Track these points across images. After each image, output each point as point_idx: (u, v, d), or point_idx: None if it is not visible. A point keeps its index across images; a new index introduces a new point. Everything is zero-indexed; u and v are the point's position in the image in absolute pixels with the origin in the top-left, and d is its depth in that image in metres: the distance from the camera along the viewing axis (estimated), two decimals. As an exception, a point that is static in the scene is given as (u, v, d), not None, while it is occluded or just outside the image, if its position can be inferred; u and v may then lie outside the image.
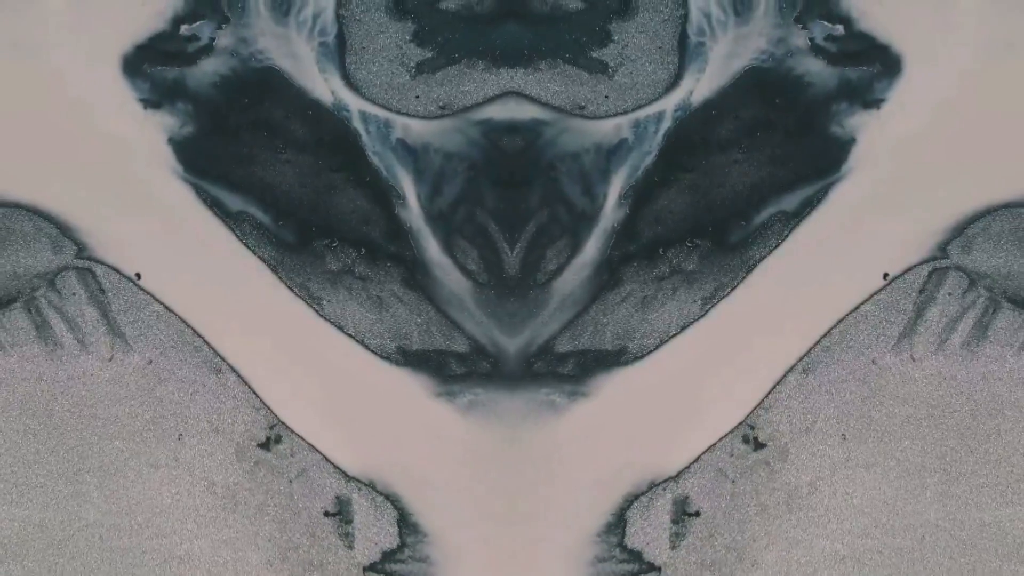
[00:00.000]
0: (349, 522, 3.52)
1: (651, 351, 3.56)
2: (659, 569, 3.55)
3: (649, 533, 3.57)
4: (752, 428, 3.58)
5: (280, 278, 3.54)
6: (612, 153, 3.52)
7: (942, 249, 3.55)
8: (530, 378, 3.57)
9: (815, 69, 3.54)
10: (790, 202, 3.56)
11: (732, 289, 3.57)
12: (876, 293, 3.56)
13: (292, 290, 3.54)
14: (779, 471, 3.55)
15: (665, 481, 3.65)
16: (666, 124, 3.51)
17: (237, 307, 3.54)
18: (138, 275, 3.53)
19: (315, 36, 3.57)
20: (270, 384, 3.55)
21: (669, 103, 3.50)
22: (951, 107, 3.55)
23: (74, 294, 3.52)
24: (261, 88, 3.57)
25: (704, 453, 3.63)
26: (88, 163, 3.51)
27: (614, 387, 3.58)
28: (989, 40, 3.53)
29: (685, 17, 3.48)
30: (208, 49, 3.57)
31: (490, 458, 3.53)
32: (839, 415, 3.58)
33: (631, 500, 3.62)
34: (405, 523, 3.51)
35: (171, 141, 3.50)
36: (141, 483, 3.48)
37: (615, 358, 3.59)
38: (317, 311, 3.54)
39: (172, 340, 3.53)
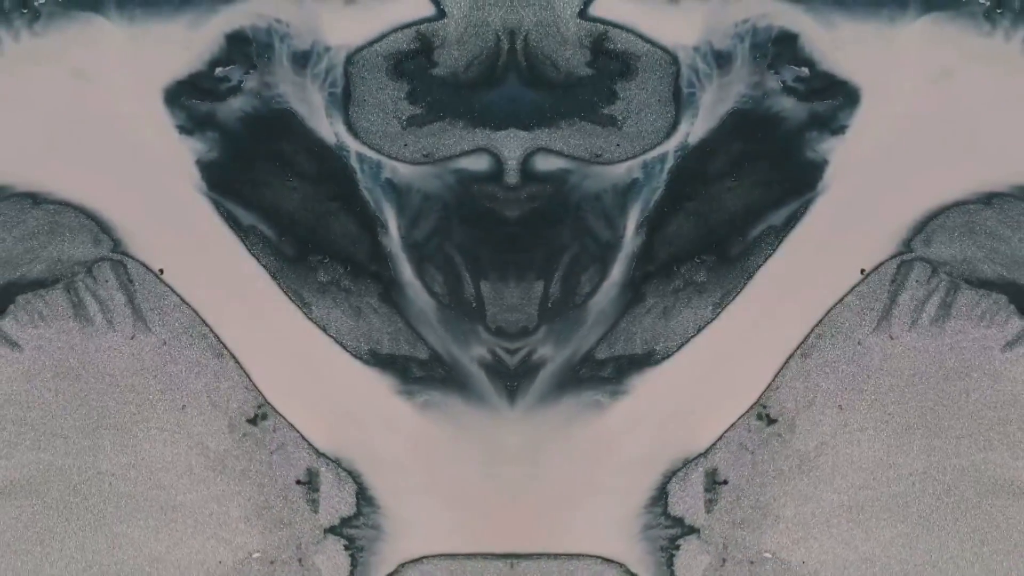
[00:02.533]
0: (316, 491, 3.77)
1: (675, 351, 3.76)
2: (698, 530, 3.75)
3: (687, 501, 3.77)
4: (764, 407, 3.78)
5: (278, 284, 3.80)
6: (627, 191, 3.71)
7: (907, 244, 3.76)
8: (577, 383, 3.75)
9: (788, 106, 3.73)
10: (778, 217, 3.75)
11: (737, 294, 3.77)
12: (856, 286, 3.75)
13: (287, 294, 3.80)
14: (789, 440, 3.76)
15: (697, 457, 3.79)
16: (669, 163, 3.72)
17: (240, 304, 3.81)
18: (161, 271, 3.78)
19: (326, 87, 3.78)
20: (262, 370, 3.80)
21: (670, 145, 3.72)
22: (903, 126, 3.75)
23: (107, 281, 3.77)
24: (277, 126, 3.80)
25: (727, 431, 3.78)
26: (129, 174, 3.75)
27: (647, 384, 3.78)
28: (928, 69, 3.73)
29: (677, 72, 3.68)
30: (237, 89, 3.78)
31: (440, 448, 3.72)
32: (835, 389, 3.77)
33: (670, 476, 3.78)
34: (363, 496, 3.77)
35: (199, 163, 3.75)
36: (148, 442, 3.74)
37: (646, 360, 3.76)
38: (306, 314, 3.79)
39: (184, 327, 3.79)
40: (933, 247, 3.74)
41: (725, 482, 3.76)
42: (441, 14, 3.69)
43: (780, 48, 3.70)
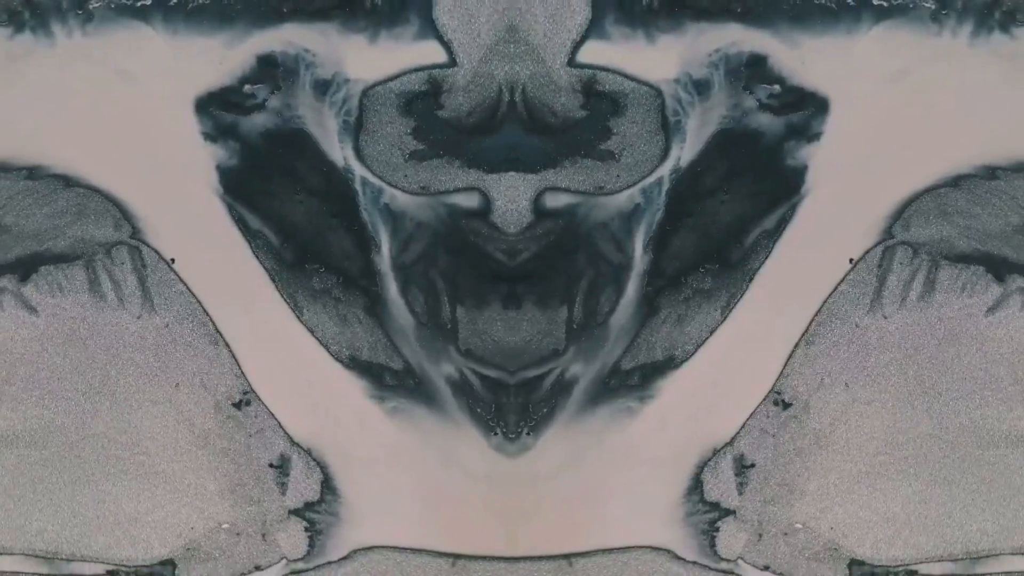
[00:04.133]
0: (286, 475, 3.91)
1: (693, 354, 3.91)
2: (733, 511, 3.90)
3: (720, 487, 3.91)
4: (779, 393, 3.91)
5: (275, 285, 3.91)
6: (631, 216, 3.85)
7: (888, 231, 3.88)
8: (608, 393, 3.90)
9: (766, 121, 3.86)
10: (769, 222, 3.89)
11: (741, 296, 3.91)
12: (847, 275, 3.89)
13: (282, 296, 3.91)
14: (805, 421, 3.90)
15: (724, 446, 3.91)
16: (666, 186, 3.86)
17: (239, 299, 3.93)
18: (172, 260, 3.89)
19: (341, 114, 3.89)
20: (251, 361, 3.93)
21: (665, 170, 3.86)
22: (870, 126, 3.87)
23: (122, 263, 3.90)
24: (293, 143, 3.91)
25: (748, 419, 3.91)
26: (154, 170, 3.87)
27: (671, 386, 3.92)
28: (886, 71, 3.86)
29: (662, 104, 3.82)
30: (260, 107, 3.88)
31: (402, 450, 3.88)
32: (839, 369, 3.91)
33: (702, 466, 3.91)
34: (327, 485, 3.92)
35: (218, 168, 3.86)
36: (140, 412, 3.88)
37: (668, 365, 3.90)
38: (297, 316, 3.91)
39: (186, 313, 3.92)
40: (912, 231, 3.88)
41: (752, 465, 3.89)
42: (453, 63, 3.82)
43: (752, 70, 3.84)
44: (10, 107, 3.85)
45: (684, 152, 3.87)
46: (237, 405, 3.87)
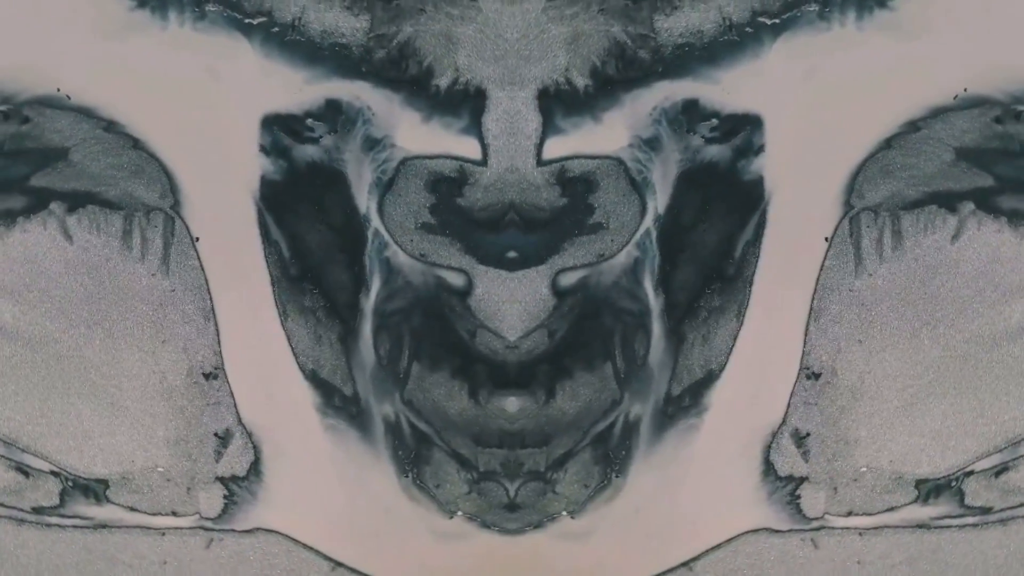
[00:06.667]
0: (225, 447, 4.12)
1: (727, 362, 4.17)
2: (806, 477, 4.16)
3: (788, 461, 4.17)
4: (808, 368, 4.14)
5: (273, 290, 4.10)
6: (634, 269, 4.07)
7: (847, 204, 4.08)
8: (669, 420, 4.18)
9: (715, 152, 4.07)
10: (748, 232, 4.11)
11: (748, 300, 4.14)
12: (827, 252, 4.13)
13: (275, 301, 4.08)
14: (836, 383, 4.13)
15: (779, 427, 4.15)
16: (654, 234, 4.07)
17: (240, 290, 4.11)
18: (197, 239, 4.08)
19: (377, 171, 4.02)
20: (231, 344, 4.11)
21: (648, 222, 4.07)
22: (801, 123, 4.09)
23: (156, 227, 4.06)
24: (330, 180, 4.05)
25: (790, 398, 4.17)
26: (210, 160, 4.02)
27: (719, 394, 4.18)
28: (797, 74, 4.07)
29: (626, 168, 4.03)
30: (315, 140, 4.04)
31: (325, 463, 4.13)
32: (849, 331, 4.12)
33: (767, 449, 4.15)
34: (255, 467, 4.14)
35: (263, 178, 4.01)
36: (126, 351, 4.05)
37: (709, 378, 4.14)
38: (282, 321, 4.10)
39: (193, 286, 4.08)
40: (867, 197, 4.05)
41: (808, 435, 4.10)
42: (484, 163, 3.98)
43: (689, 114, 4.03)
44: (111, 63, 4.04)
45: (658, 201, 4.00)
46: (206, 376, 4.04)
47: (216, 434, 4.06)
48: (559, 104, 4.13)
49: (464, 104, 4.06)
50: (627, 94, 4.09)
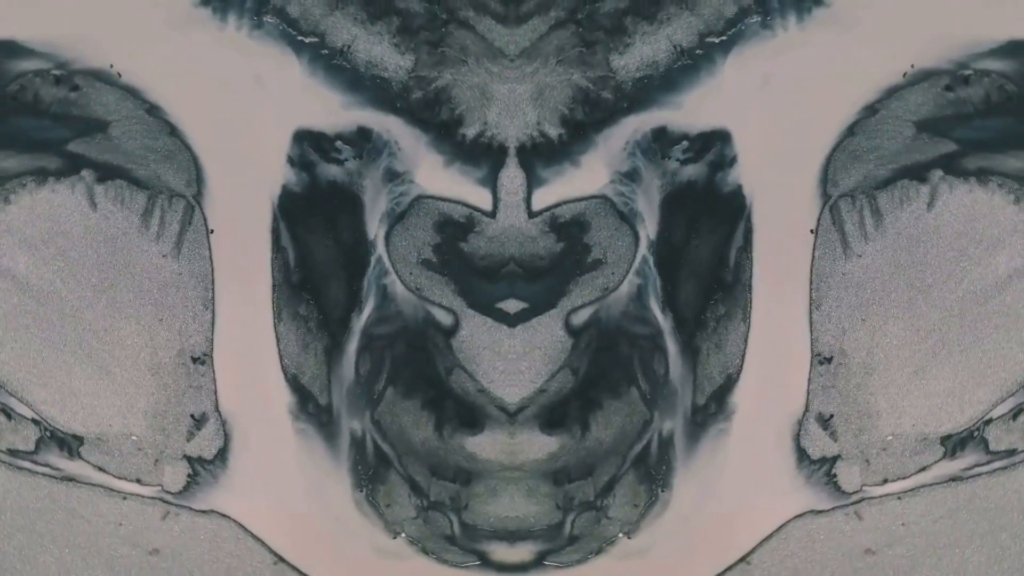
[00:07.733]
0: (198, 429, 4.21)
1: (742, 365, 4.30)
2: (839, 455, 4.24)
3: (818, 444, 4.26)
4: (818, 354, 4.24)
5: (273, 293, 4.21)
6: (639, 295, 4.18)
7: (825, 194, 4.21)
8: (700, 428, 4.31)
9: (691, 171, 4.18)
10: (738, 240, 4.25)
11: (750, 303, 4.26)
12: (815, 243, 4.26)
13: (272, 304, 4.19)
14: (848, 363, 4.22)
15: (804, 414, 4.25)
16: (651, 260, 4.20)
17: (241, 286, 4.22)
18: (212, 231, 4.21)
19: (392, 202, 4.14)
20: (223, 334, 4.22)
21: (643, 250, 4.19)
22: (766, 128, 4.21)
23: (176, 211, 4.17)
24: (346, 202, 4.17)
25: (809, 385, 4.28)
26: (239, 160, 4.13)
27: (742, 395, 4.30)
28: (753, 83, 4.19)
29: (612, 204, 4.14)
30: (340, 162, 4.15)
31: (289, 464, 4.27)
32: (850, 312, 4.22)
33: (797, 437, 4.25)
34: (222, 454, 4.25)
35: (284, 187, 4.15)
36: (124, 322, 4.15)
37: (730, 383, 4.24)
38: (275, 324, 4.22)
39: (199, 274, 4.18)
40: (841, 184, 4.15)
41: (831, 416, 4.19)
42: (493, 215, 4.13)
43: (660, 142, 4.11)
44: (167, 51, 4.19)
45: (649, 228, 4.14)
46: (194, 360, 4.14)
47: (193, 416, 4.17)
48: (538, 157, 4.28)
49: (485, 157, 4.22)
50: (599, 135, 4.17)
